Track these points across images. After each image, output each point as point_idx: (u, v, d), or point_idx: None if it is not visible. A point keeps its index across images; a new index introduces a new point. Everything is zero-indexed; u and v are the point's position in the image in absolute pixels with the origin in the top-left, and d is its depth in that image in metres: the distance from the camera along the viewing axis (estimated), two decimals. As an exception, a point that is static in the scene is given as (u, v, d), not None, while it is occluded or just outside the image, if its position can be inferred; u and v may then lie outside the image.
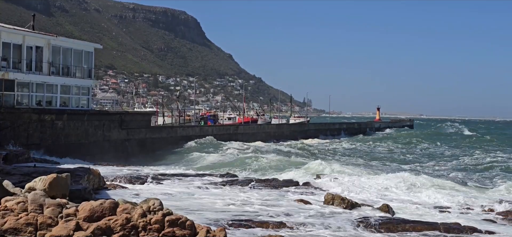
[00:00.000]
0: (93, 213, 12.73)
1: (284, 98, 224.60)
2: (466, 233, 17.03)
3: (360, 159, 49.39)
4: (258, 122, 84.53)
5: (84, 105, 43.48)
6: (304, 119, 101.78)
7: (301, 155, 48.30)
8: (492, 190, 28.02)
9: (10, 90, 37.02)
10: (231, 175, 29.79)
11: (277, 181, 27.18)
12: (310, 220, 17.74)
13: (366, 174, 31.79)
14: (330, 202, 21.05)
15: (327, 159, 45.99)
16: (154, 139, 48.99)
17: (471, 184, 30.86)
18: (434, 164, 45.92)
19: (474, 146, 68.48)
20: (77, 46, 44.18)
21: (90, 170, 22.65)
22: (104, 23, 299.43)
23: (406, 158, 52.91)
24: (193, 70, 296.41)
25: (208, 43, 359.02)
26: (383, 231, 16.79)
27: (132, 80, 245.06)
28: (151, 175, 27.96)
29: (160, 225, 12.79)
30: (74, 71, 42.86)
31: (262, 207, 20.10)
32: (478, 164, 45.96)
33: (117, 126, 44.39)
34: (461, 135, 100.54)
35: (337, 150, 60.32)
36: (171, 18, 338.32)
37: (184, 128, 58.07)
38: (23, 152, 31.30)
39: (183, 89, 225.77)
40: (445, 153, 59.43)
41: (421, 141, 76.95)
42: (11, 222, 12.29)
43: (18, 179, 19.06)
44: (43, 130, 37.57)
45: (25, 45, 38.69)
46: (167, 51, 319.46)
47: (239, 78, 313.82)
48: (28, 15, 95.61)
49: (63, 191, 15.02)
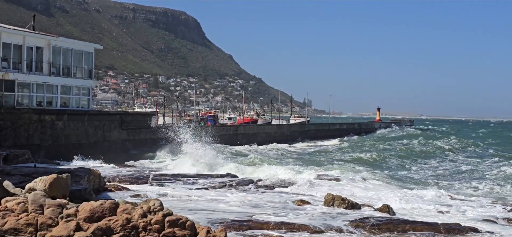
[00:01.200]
0: (94, 214, 12.73)
1: (285, 98, 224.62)
2: (466, 233, 17.03)
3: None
4: (258, 123, 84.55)
5: (85, 105, 43.47)
6: (304, 119, 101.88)
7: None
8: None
9: (10, 91, 37.01)
10: (231, 176, 29.79)
11: (277, 182, 27.19)
12: (310, 220, 17.74)
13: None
14: (330, 202, 21.04)
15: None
16: (154, 139, 48.95)
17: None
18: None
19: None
20: (77, 46, 44.18)
21: (90, 170, 22.66)
22: (104, 24, 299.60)
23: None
24: (193, 71, 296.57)
25: (208, 43, 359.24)
26: (384, 231, 16.79)
27: (133, 80, 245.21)
28: (151, 175, 27.96)
29: (160, 226, 12.79)
30: (75, 72, 42.85)
31: (262, 208, 20.11)
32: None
33: (117, 127, 44.38)
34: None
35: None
36: (171, 18, 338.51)
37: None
38: (23, 152, 31.28)
39: (183, 90, 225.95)
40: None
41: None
42: (11, 223, 12.30)
43: (18, 179, 19.06)
44: (44, 130, 37.56)
45: (26, 45, 38.68)
46: (167, 51, 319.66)
47: (239, 79, 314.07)
48: (29, 15, 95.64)
49: (64, 192, 15.03)
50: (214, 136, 53.44)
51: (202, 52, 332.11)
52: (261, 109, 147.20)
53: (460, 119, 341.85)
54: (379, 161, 47.46)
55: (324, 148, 66.10)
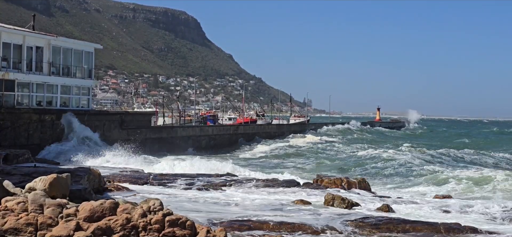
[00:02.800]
0: (93, 213, 12.73)
1: (284, 98, 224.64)
2: (466, 233, 17.01)
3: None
4: (258, 123, 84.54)
5: (85, 105, 43.49)
6: (304, 119, 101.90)
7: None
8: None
9: (10, 90, 37.03)
10: (231, 175, 29.78)
11: (277, 181, 27.18)
12: (310, 220, 17.73)
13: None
14: (330, 202, 21.04)
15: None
16: (154, 139, 48.95)
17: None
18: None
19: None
20: (77, 46, 44.20)
21: (90, 170, 22.65)
22: (104, 23, 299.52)
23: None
24: (193, 70, 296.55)
25: (208, 43, 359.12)
26: (384, 231, 16.77)
27: (133, 80, 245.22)
28: (152, 175, 27.95)
29: (160, 225, 12.79)
30: (74, 71, 42.87)
31: (262, 207, 20.10)
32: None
33: (117, 126, 44.38)
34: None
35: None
36: (171, 18, 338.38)
37: (184, 129, 58.04)
38: (23, 152, 31.27)
39: (183, 89, 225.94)
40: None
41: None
42: (11, 222, 12.30)
43: (18, 179, 19.07)
44: (44, 130, 37.58)
45: (26, 45, 38.69)
46: (167, 51, 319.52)
47: (239, 78, 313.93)
48: (29, 15, 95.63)
49: (63, 191, 15.03)
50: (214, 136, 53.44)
51: (202, 52, 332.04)
52: (261, 109, 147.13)
53: (455, 119, 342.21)
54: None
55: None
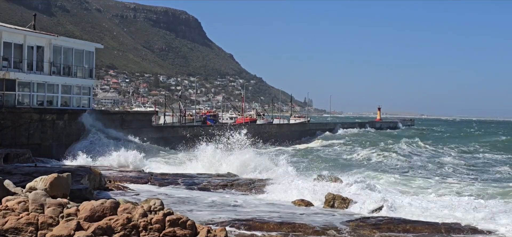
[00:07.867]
0: (94, 213, 12.74)
1: (285, 98, 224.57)
2: (466, 232, 17.01)
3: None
4: (258, 122, 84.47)
5: (85, 105, 43.50)
6: (304, 119, 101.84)
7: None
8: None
9: (11, 90, 37.04)
10: (232, 175, 29.77)
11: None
12: (310, 220, 17.73)
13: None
14: (330, 202, 21.03)
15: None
16: (155, 139, 48.94)
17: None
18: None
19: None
20: (78, 45, 44.21)
21: (91, 169, 22.67)
22: (105, 23, 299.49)
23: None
24: (194, 70, 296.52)
25: (209, 43, 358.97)
26: (384, 231, 16.77)
27: (133, 80, 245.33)
28: (152, 175, 27.95)
29: (161, 225, 12.80)
30: (75, 71, 42.88)
31: (262, 207, 20.10)
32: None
33: (118, 126, 44.38)
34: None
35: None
36: (172, 18, 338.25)
37: (185, 128, 58.02)
38: (24, 151, 31.31)
39: (184, 89, 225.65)
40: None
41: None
42: (12, 222, 12.31)
43: (19, 178, 19.09)
44: (44, 130, 37.59)
45: (26, 44, 38.71)
46: (168, 51, 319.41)
47: (240, 78, 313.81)
48: (29, 14, 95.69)
49: (64, 191, 15.04)
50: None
51: (202, 52, 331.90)
52: (261, 108, 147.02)
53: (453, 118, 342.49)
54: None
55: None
